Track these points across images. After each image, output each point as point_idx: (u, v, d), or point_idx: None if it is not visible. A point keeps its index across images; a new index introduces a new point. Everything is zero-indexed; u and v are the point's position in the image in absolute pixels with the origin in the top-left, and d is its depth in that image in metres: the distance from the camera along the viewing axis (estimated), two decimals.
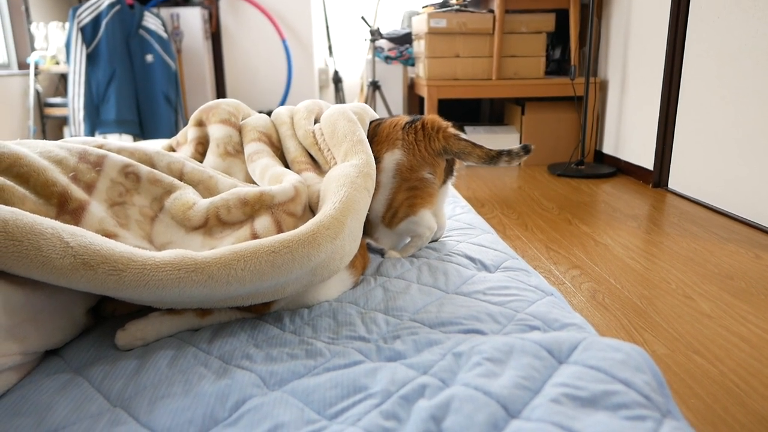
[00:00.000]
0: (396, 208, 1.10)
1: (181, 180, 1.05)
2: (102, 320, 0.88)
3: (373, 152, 1.12)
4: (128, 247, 0.76)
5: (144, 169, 1.00)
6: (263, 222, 0.92)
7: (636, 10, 3.02)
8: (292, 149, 1.19)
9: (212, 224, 0.94)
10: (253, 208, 0.94)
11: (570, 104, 3.50)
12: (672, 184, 2.83)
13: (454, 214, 1.40)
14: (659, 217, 2.41)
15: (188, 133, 1.28)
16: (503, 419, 0.58)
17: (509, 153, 1.13)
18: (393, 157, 1.11)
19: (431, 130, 1.12)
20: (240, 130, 1.24)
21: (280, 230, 0.91)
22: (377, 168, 1.10)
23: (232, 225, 0.94)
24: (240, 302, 0.82)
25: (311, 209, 1.01)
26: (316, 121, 1.24)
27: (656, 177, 2.89)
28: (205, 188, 1.05)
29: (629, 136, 3.16)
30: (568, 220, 2.40)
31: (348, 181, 0.96)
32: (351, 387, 0.66)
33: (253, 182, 1.15)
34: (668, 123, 2.79)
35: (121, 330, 0.79)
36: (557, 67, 3.86)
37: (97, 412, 0.64)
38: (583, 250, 2.02)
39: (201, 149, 1.24)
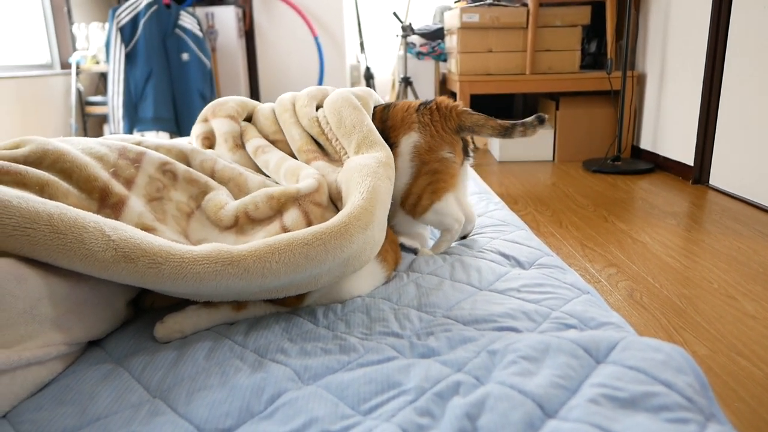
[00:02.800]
0: (419, 194, 1.10)
1: (212, 177, 1.07)
2: (142, 312, 0.90)
3: (389, 138, 1.12)
4: (166, 241, 0.77)
5: (181, 167, 1.03)
6: (292, 215, 0.93)
7: (676, 1, 2.94)
8: (297, 137, 1.18)
9: (242, 222, 0.96)
10: (279, 201, 0.95)
11: (606, 99, 3.43)
12: (713, 180, 2.74)
13: (487, 211, 1.38)
14: (700, 215, 2.34)
15: (194, 129, 1.30)
16: (539, 419, 0.57)
17: (523, 124, 1.12)
18: (410, 140, 1.11)
19: (445, 110, 1.13)
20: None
21: (308, 221, 0.92)
22: (394, 153, 1.10)
23: (261, 221, 0.95)
24: (275, 294, 0.83)
25: (331, 200, 1.02)
26: (318, 107, 1.23)
27: (697, 173, 2.81)
28: (236, 185, 1.07)
29: (668, 131, 3.08)
30: (603, 217, 2.35)
31: (370, 171, 0.97)
32: (385, 383, 0.66)
33: (262, 173, 1.16)
34: (710, 117, 2.70)
35: (159, 323, 0.81)
36: (593, 60, 3.78)
37: (137, 402, 0.66)
38: (619, 248, 1.98)
39: (207, 143, 1.25)
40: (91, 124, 3.84)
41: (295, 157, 1.17)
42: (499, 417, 0.57)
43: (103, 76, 3.85)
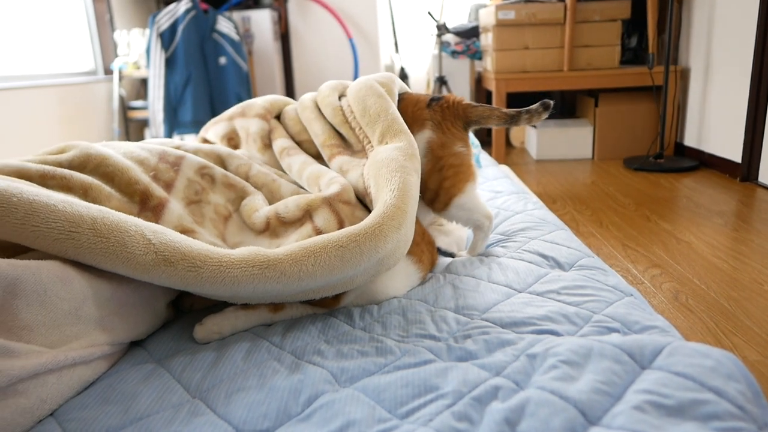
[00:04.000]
0: (435, 190, 1.09)
1: (246, 182, 1.08)
2: (182, 313, 0.92)
3: None
4: (205, 245, 0.78)
5: (219, 171, 1.05)
6: (322, 215, 0.93)
7: None
8: (319, 132, 1.17)
9: (274, 225, 0.96)
10: (308, 202, 0.95)
11: (647, 95, 3.34)
12: (762, 177, 2.64)
13: (525, 210, 1.36)
14: (748, 213, 2.25)
15: (216, 128, 1.30)
16: (581, 425, 0.55)
17: (528, 111, 1.12)
18: (423, 136, 1.11)
19: (453, 106, 1.13)
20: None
21: (339, 220, 0.92)
22: None
23: (292, 223, 0.96)
24: (311, 296, 0.84)
25: (357, 198, 1.01)
26: (341, 97, 1.22)
27: (744, 170, 2.71)
28: (269, 191, 1.08)
29: (714, 127, 2.98)
30: (646, 216, 2.29)
31: (398, 166, 0.96)
32: (422, 386, 0.65)
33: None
34: (758, 112, 2.60)
35: (198, 324, 0.82)
36: (633, 55, 3.69)
37: (177, 402, 0.67)
38: (663, 248, 1.92)
39: (231, 144, 1.26)
40: (132, 128, 3.94)
41: (320, 156, 1.17)
42: (539, 423, 0.55)
43: (144, 82, 3.95)
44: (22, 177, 0.81)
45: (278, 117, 1.29)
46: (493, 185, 1.64)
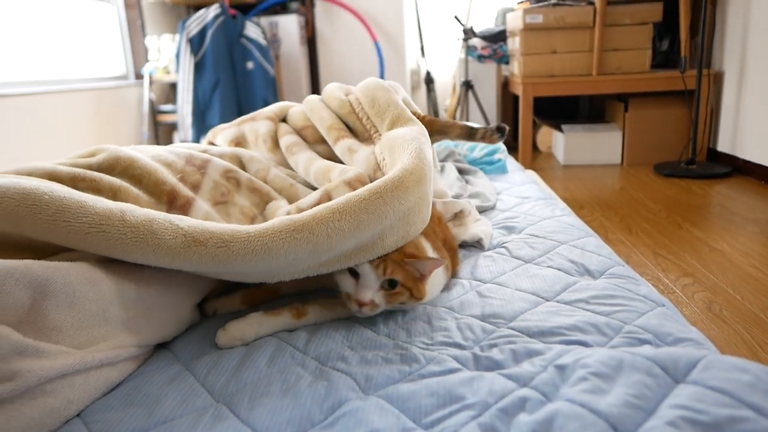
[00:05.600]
0: None
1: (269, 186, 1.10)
2: (207, 316, 0.92)
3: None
4: (232, 225, 0.79)
5: (244, 175, 1.06)
6: (341, 191, 0.93)
7: None
8: (326, 117, 1.20)
9: (293, 213, 0.96)
10: (325, 187, 0.97)
11: (679, 99, 3.27)
12: None
13: (553, 215, 1.34)
14: None
15: (225, 132, 1.33)
16: None
17: (486, 129, 1.24)
18: None
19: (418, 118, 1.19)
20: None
21: None
22: None
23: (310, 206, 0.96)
24: (346, 261, 0.82)
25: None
26: (346, 95, 1.25)
27: None
28: (287, 196, 1.09)
29: (749, 132, 2.90)
30: (677, 223, 2.23)
31: (413, 137, 0.98)
32: (447, 396, 0.64)
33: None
34: None
35: (221, 330, 0.82)
36: (665, 59, 3.61)
37: (201, 406, 0.67)
38: (695, 257, 1.87)
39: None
40: (162, 132, 4.00)
41: (323, 141, 1.19)
42: None
43: (173, 86, 4.01)
44: (53, 179, 0.83)
45: (285, 120, 1.33)
46: (519, 190, 1.62)
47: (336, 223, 0.77)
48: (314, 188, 1.12)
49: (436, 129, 1.23)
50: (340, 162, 1.12)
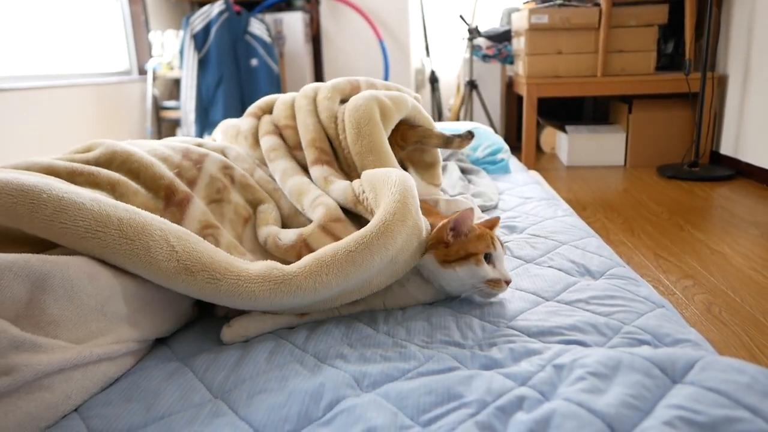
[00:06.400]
0: None
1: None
2: (207, 313, 0.92)
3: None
4: (226, 255, 0.79)
5: (238, 171, 1.07)
6: (316, 238, 0.94)
7: None
8: (311, 128, 1.18)
9: (271, 239, 0.98)
10: (302, 231, 0.97)
11: (683, 101, 3.26)
12: None
13: (555, 216, 1.33)
14: None
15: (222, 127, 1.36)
16: None
17: (459, 136, 1.28)
18: None
19: (395, 131, 1.23)
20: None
21: (336, 239, 0.93)
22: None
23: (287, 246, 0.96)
24: (330, 304, 0.84)
25: (342, 208, 1.02)
26: (344, 101, 1.23)
27: None
28: (270, 200, 1.10)
29: (752, 136, 2.89)
30: (679, 225, 2.23)
31: (392, 168, 0.99)
32: (445, 394, 0.64)
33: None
34: None
35: (226, 326, 0.82)
36: (669, 61, 3.60)
37: (200, 401, 0.67)
38: (696, 259, 1.86)
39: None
40: (165, 128, 4.01)
41: (300, 148, 1.17)
42: None
43: (177, 82, 4.01)
44: (51, 174, 0.83)
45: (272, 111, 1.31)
46: (522, 191, 1.62)
47: (323, 276, 0.78)
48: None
49: (413, 140, 1.24)
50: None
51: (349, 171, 1.14)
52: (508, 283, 0.86)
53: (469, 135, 1.30)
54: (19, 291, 0.62)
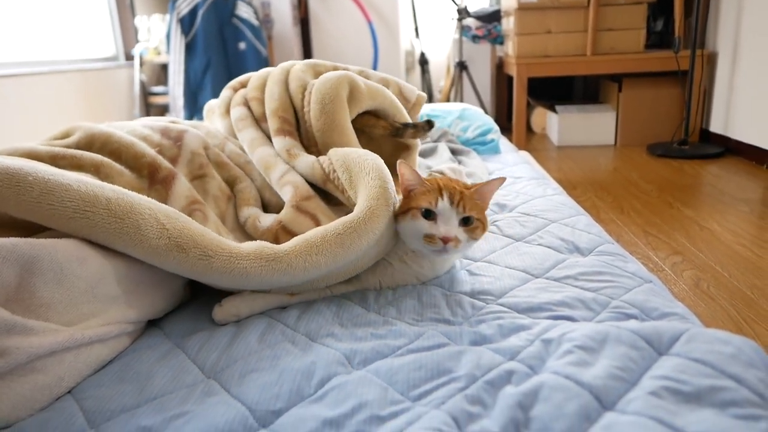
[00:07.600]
0: None
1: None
2: (199, 293, 0.92)
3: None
4: (216, 235, 0.80)
5: (212, 150, 1.07)
6: (293, 219, 0.96)
7: None
8: (276, 97, 1.17)
9: (250, 222, 1.00)
10: (279, 216, 0.98)
11: (672, 79, 3.26)
12: None
13: (545, 195, 1.34)
14: None
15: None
16: (596, 411, 0.54)
17: (414, 126, 1.18)
18: None
19: None
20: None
21: (312, 217, 0.96)
22: None
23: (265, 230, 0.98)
24: (317, 284, 0.85)
25: (309, 182, 1.03)
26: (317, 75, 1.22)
27: None
28: (245, 177, 1.11)
29: (741, 113, 2.90)
30: (668, 203, 2.25)
31: (364, 153, 0.98)
32: (435, 369, 0.65)
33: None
34: None
35: (218, 306, 0.82)
36: (659, 39, 3.60)
37: (192, 382, 0.67)
38: (685, 236, 1.88)
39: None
40: (153, 113, 3.97)
41: (266, 119, 1.17)
42: (553, 408, 0.55)
43: (165, 67, 3.97)
44: (33, 158, 0.82)
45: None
46: (512, 171, 1.62)
47: (313, 257, 0.79)
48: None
49: (358, 128, 1.15)
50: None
51: (308, 145, 1.14)
52: (445, 241, 0.82)
53: (427, 125, 1.20)
54: (8, 275, 0.62)
